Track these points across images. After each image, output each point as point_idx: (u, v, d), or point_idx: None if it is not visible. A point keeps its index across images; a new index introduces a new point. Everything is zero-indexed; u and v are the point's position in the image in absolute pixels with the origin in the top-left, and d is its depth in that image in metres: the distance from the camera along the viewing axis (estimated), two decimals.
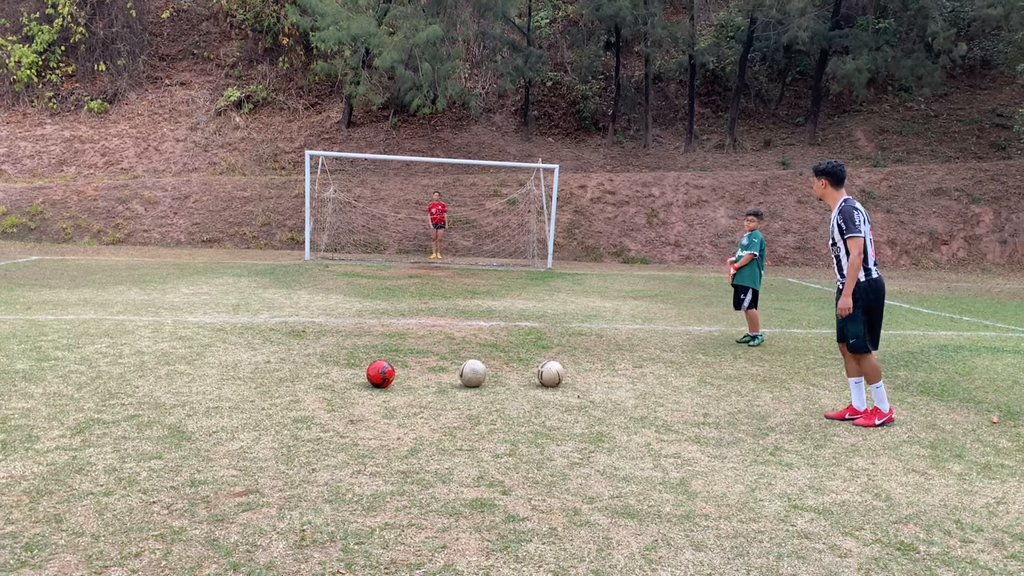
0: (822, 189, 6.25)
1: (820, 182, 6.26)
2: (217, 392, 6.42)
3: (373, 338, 9.17)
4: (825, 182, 6.21)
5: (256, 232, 23.43)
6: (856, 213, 5.96)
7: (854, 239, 5.91)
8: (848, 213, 5.97)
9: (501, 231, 24.11)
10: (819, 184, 6.27)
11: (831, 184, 6.20)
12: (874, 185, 26.23)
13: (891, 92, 32.51)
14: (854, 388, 6.34)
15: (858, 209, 6.01)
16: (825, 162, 6.27)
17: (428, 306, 12.06)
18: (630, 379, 7.50)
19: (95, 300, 11.40)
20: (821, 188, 6.26)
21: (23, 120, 28.22)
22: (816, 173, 6.30)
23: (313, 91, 30.38)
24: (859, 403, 6.31)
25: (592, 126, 30.44)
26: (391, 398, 6.43)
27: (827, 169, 6.22)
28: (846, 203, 6.06)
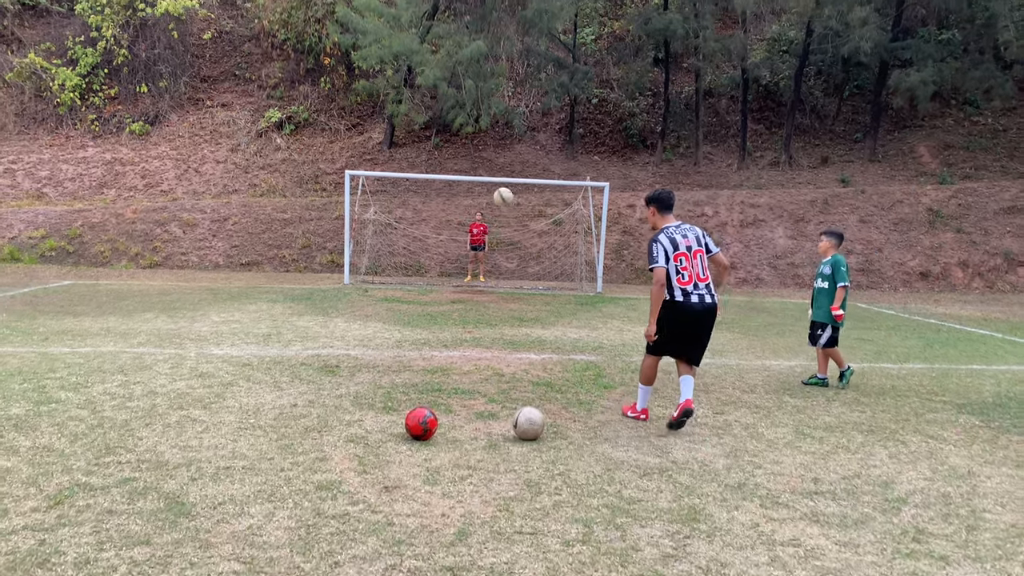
0: (652, 216, 6.52)
1: (648, 210, 6.54)
2: (232, 446, 5.48)
3: (413, 374, 8.19)
4: (653, 209, 6.47)
5: (296, 255, 22.75)
6: (654, 245, 6.23)
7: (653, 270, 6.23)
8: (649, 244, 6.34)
9: (546, 253, 23.10)
10: (647, 212, 6.59)
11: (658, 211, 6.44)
12: (942, 203, 24.71)
13: (955, 106, 30.93)
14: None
15: (657, 241, 6.23)
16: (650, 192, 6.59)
17: (473, 336, 11.07)
18: (713, 430, 6.39)
19: (118, 329, 10.63)
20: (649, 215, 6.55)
21: (65, 143, 28.06)
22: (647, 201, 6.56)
23: (355, 112, 29.82)
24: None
25: (640, 144, 29.37)
26: (434, 454, 5.43)
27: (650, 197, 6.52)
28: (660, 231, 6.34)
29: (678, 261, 6.14)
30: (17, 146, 27.55)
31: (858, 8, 24.17)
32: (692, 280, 6.16)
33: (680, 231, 6.25)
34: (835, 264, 8.50)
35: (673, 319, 6.21)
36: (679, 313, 6.18)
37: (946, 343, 12.06)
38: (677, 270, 6.15)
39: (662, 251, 6.15)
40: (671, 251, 6.15)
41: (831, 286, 8.47)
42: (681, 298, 6.16)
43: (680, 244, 6.18)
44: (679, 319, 6.20)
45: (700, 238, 6.32)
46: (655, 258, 6.17)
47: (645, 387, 6.61)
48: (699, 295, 6.19)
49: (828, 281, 8.53)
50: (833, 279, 8.47)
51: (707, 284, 6.27)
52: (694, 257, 6.21)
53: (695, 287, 6.18)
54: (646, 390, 6.62)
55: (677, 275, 6.15)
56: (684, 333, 6.25)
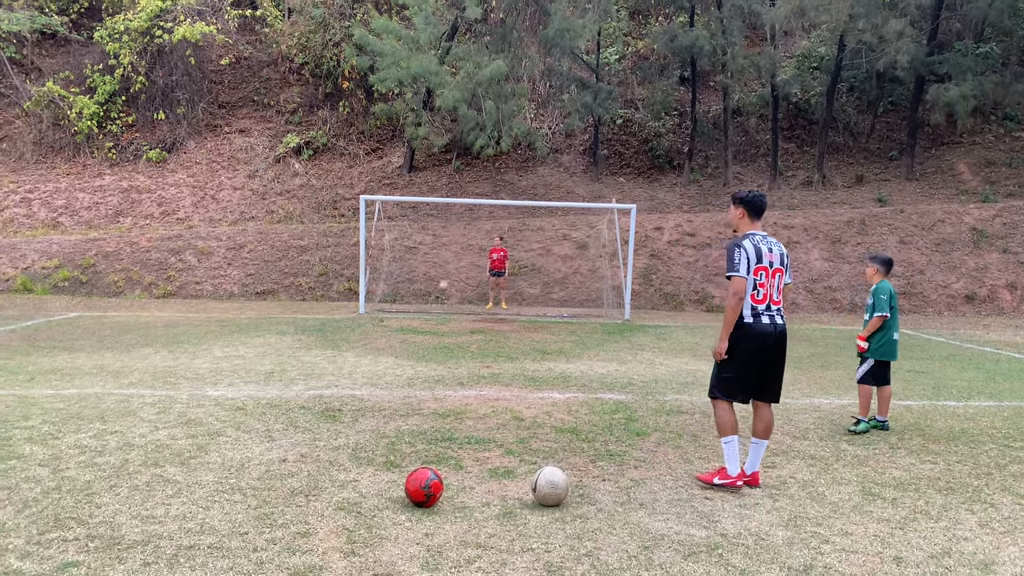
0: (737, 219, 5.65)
1: (734, 210, 5.69)
2: (202, 516, 4.67)
3: (423, 419, 7.36)
4: (741, 211, 5.60)
5: (312, 283, 22.10)
6: (737, 251, 5.38)
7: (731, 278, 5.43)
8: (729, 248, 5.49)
9: (571, 278, 22.25)
10: (730, 211, 5.77)
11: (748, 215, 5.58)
12: (986, 223, 23.56)
13: (994, 121, 29.79)
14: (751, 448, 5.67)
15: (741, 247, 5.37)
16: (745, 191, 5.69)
17: (491, 371, 10.23)
18: (767, 489, 5.49)
19: (112, 367, 9.92)
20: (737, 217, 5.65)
21: (82, 171, 27.77)
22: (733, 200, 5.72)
23: (374, 136, 29.30)
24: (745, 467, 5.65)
25: (666, 164, 28.51)
26: (437, 527, 4.58)
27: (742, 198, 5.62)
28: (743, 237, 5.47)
29: (757, 275, 5.33)
30: (34, 175, 27.30)
31: (893, 21, 23.27)
32: (766, 300, 5.40)
33: (767, 243, 5.44)
34: (876, 292, 7.61)
35: (743, 346, 5.38)
36: (750, 338, 5.36)
37: (1009, 375, 11.03)
38: (754, 285, 5.35)
39: (744, 259, 5.30)
40: (753, 262, 5.32)
41: (872, 316, 7.55)
42: (751, 319, 5.35)
43: (764, 257, 5.37)
44: (749, 344, 5.37)
45: (784, 258, 5.52)
46: (736, 265, 5.32)
47: (729, 438, 5.46)
48: (771, 316, 5.43)
49: (869, 312, 7.62)
50: (873, 309, 7.56)
51: (779, 309, 5.52)
52: (773, 276, 5.41)
53: (767, 308, 5.41)
54: (731, 443, 5.46)
55: (752, 290, 5.35)
56: (756, 363, 5.40)
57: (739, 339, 5.36)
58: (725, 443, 5.45)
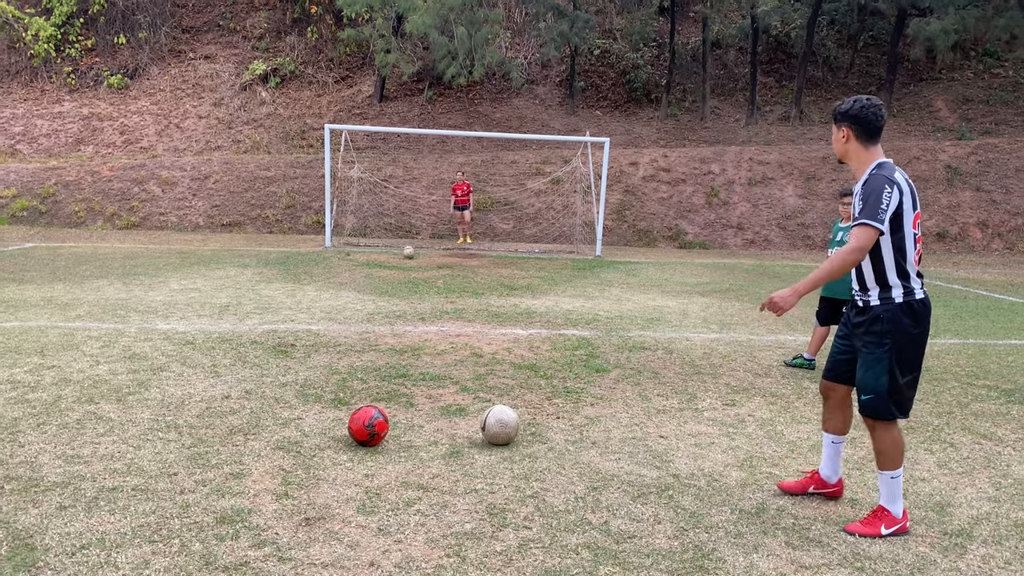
0: (843, 143, 3.77)
1: (841, 132, 3.76)
2: (131, 456, 4.44)
3: (378, 355, 7.14)
4: (848, 132, 3.73)
5: (280, 215, 21.61)
6: (886, 192, 3.54)
7: (864, 228, 3.54)
8: (875, 187, 3.56)
9: (544, 213, 21.92)
10: (839, 135, 3.78)
11: (856, 136, 3.72)
12: (961, 160, 23.43)
13: (974, 58, 29.43)
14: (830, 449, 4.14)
15: (895, 183, 3.57)
16: (852, 100, 3.76)
17: (455, 306, 10.00)
18: (723, 428, 5.34)
19: (61, 299, 9.57)
20: (842, 142, 3.77)
21: (40, 97, 26.76)
22: (836, 117, 3.80)
23: (343, 63, 28.41)
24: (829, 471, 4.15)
25: (643, 98, 27.96)
26: (379, 467, 4.39)
27: (851, 112, 3.72)
28: (878, 170, 3.65)
29: (916, 228, 3.65)
30: None
31: None
32: (919, 261, 3.72)
33: (905, 175, 3.69)
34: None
35: (919, 333, 3.71)
36: (925, 319, 3.72)
37: (976, 313, 10.98)
38: (914, 240, 3.64)
39: (895, 201, 3.55)
40: (910, 206, 3.61)
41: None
42: (922, 293, 3.71)
43: (917, 201, 3.69)
44: (925, 329, 3.74)
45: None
46: (880, 211, 3.52)
47: (898, 472, 3.81)
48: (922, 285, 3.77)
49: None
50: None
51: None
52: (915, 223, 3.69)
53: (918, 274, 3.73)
54: (899, 477, 3.82)
55: (913, 248, 3.64)
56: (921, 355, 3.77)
57: (913, 325, 3.66)
58: (893, 477, 3.79)
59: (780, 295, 3.75)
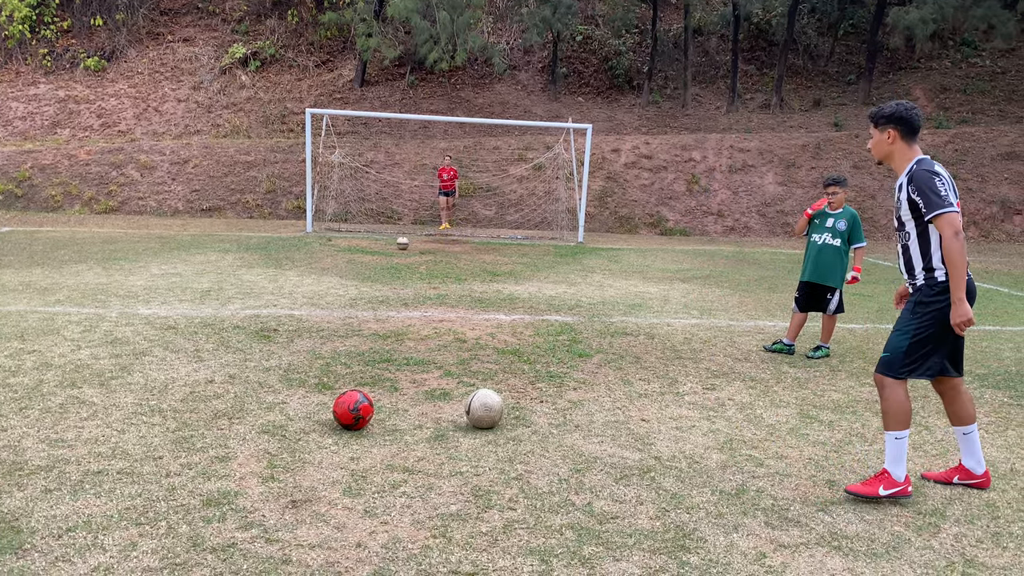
0: (887, 145, 4.02)
1: (885, 134, 4.01)
2: (116, 440, 4.45)
3: (362, 340, 7.16)
4: (894, 134, 3.98)
5: (260, 200, 21.47)
6: (937, 180, 3.82)
7: (945, 216, 3.75)
8: (925, 180, 3.82)
9: (526, 199, 21.94)
10: (883, 138, 4.02)
11: (902, 136, 3.97)
12: (938, 148, 23.66)
13: (952, 47, 29.69)
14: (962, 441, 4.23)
15: (939, 175, 3.86)
16: (893, 104, 4.02)
17: (438, 292, 10.02)
18: (704, 411, 5.42)
19: (39, 284, 9.49)
20: (887, 143, 4.02)
21: (15, 79, 26.35)
22: (877, 121, 4.04)
23: (324, 47, 28.20)
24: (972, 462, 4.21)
25: (625, 84, 28.00)
26: (364, 451, 4.42)
27: (896, 114, 3.97)
28: (919, 165, 3.92)
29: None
30: None
31: None
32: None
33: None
34: (854, 220, 7.32)
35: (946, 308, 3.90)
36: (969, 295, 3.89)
37: None
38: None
39: (950, 189, 3.84)
40: (954, 196, 3.85)
41: (844, 244, 7.31)
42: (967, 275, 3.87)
43: (956, 191, 3.92)
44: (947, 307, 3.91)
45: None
46: (945, 197, 3.77)
47: (902, 433, 4.00)
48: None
49: (841, 238, 7.29)
50: (848, 237, 7.29)
51: None
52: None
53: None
54: (903, 439, 4.01)
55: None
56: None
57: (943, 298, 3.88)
58: (897, 438, 3.99)
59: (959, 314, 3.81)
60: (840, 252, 7.35)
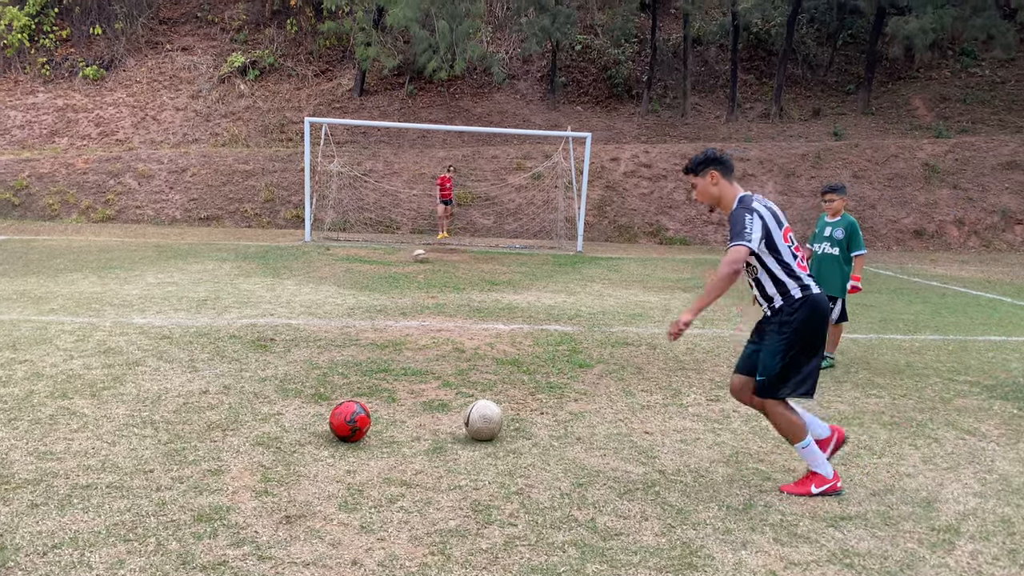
0: (712, 187, 4.23)
1: (708, 177, 4.22)
2: (106, 452, 4.33)
3: (359, 350, 7.05)
4: (716, 175, 4.20)
5: (258, 209, 21.38)
6: (747, 216, 4.05)
7: (731, 248, 4.05)
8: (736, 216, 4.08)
9: (525, 208, 21.87)
10: (707, 181, 4.23)
11: (723, 175, 4.21)
12: (938, 158, 23.63)
13: (951, 57, 29.69)
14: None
15: (753, 211, 4.07)
16: (703, 151, 4.31)
17: (436, 302, 9.91)
18: (708, 423, 5.31)
19: (34, 293, 9.38)
20: (711, 186, 4.23)
21: (14, 88, 26.29)
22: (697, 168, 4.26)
23: (323, 57, 28.16)
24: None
25: (624, 94, 27.97)
26: (361, 463, 4.31)
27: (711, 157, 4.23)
28: (740, 203, 4.15)
29: (788, 241, 4.12)
30: None
31: None
32: (806, 267, 4.21)
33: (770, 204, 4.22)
34: (852, 228, 7.20)
35: (815, 324, 4.12)
36: (820, 311, 4.13)
37: (955, 309, 11.05)
38: (792, 252, 4.13)
39: (759, 225, 4.02)
40: (775, 226, 4.07)
41: (843, 252, 7.21)
42: (816, 288, 4.15)
43: (783, 219, 4.18)
44: (821, 322, 4.16)
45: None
46: (748, 233, 3.99)
47: (806, 441, 4.18)
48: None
49: (839, 247, 7.20)
50: (847, 245, 7.18)
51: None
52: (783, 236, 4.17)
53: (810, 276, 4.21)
54: (810, 444, 4.19)
55: (794, 259, 4.12)
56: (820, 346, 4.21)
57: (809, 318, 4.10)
58: (804, 447, 4.18)
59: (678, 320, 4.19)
60: (839, 261, 7.25)
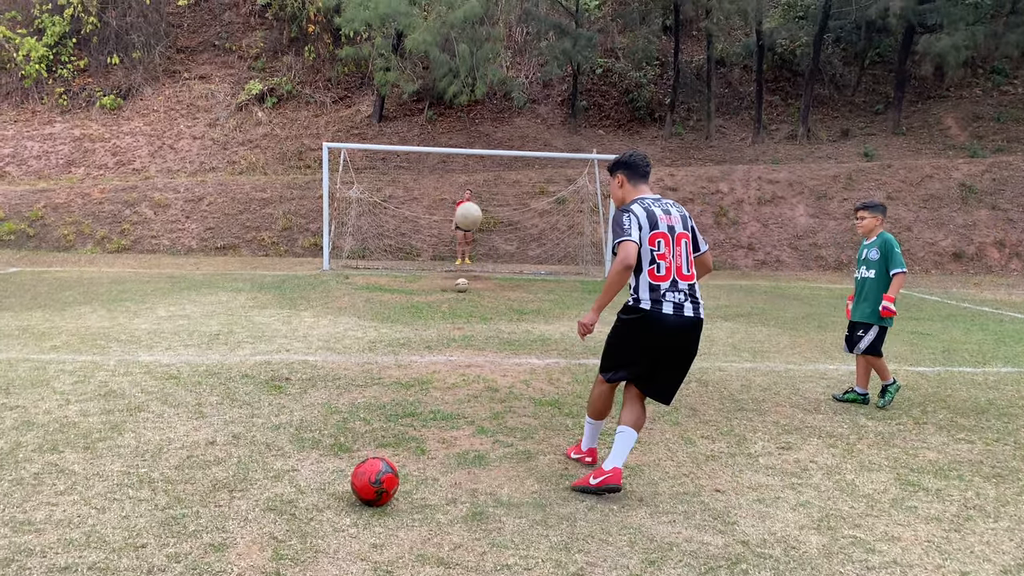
0: (618, 189, 4.52)
1: (616, 180, 4.53)
2: (93, 522, 3.72)
3: (382, 390, 6.42)
4: (621, 178, 4.49)
5: (276, 238, 20.92)
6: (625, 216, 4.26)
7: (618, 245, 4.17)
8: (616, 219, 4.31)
9: (548, 234, 21.28)
10: (615, 183, 4.54)
11: (628, 180, 4.47)
12: (975, 178, 22.85)
13: (982, 75, 28.97)
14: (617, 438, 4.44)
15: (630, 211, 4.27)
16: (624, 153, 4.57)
17: (463, 334, 9.28)
18: (785, 477, 4.62)
19: (38, 328, 8.85)
20: (618, 188, 4.53)
21: (31, 118, 26.13)
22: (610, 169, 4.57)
23: (342, 83, 27.86)
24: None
25: (647, 117, 27.43)
26: (389, 535, 3.66)
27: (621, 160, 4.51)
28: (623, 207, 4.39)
29: (654, 245, 4.17)
30: None
31: None
32: (670, 275, 4.18)
33: (661, 205, 4.30)
34: (886, 245, 6.43)
35: (639, 334, 4.26)
36: (648, 329, 4.20)
37: (1019, 338, 10.28)
38: (652, 258, 4.17)
39: (635, 224, 4.16)
40: (647, 228, 4.18)
41: (880, 274, 6.43)
42: (649, 303, 4.17)
43: (660, 222, 4.21)
44: (647, 336, 4.23)
45: (687, 220, 4.37)
46: (627, 230, 4.14)
47: (594, 422, 4.74)
48: (675, 302, 4.17)
49: (876, 269, 6.45)
50: (884, 265, 6.42)
51: (691, 286, 4.25)
52: (677, 243, 4.22)
53: (672, 287, 4.18)
54: (595, 426, 4.76)
55: (651, 265, 4.18)
56: (651, 357, 4.29)
57: (635, 326, 4.26)
58: (590, 423, 4.79)
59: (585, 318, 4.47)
60: (876, 285, 6.47)
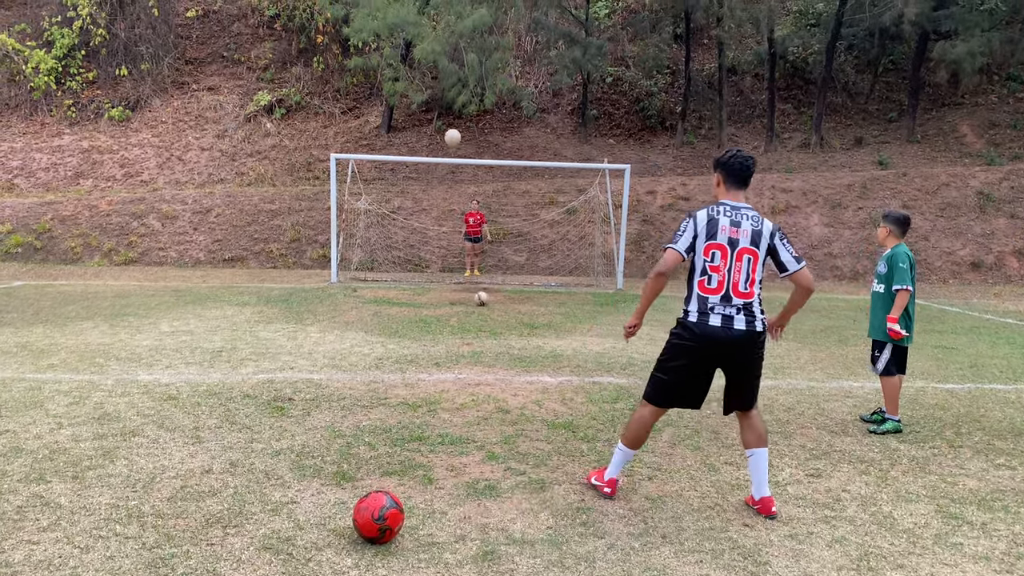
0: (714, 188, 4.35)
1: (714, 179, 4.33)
2: (75, 563, 3.45)
3: (388, 411, 6.15)
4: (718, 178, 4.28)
5: (284, 249, 20.73)
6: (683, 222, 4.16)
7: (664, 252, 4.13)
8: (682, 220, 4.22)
9: (559, 244, 21.00)
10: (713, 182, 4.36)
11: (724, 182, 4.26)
12: (992, 186, 22.46)
13: (997, 82, 28.58)
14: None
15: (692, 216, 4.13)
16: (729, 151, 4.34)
17: (472, 349, 9.01)
18: (818, 510, 4.32)
19: (36, 345, 8.62)
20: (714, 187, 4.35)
21: (40, 131, 26.08)
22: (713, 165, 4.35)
23: (350, 94, 27.72)
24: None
25: (658, 125, 27.16)
26: None
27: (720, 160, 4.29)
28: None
29: (708, 256, 4.00)
30: None
31: None
32: (722, 290, 4.00)
33: (735, 215, 4.06)
34: (893, 259, 5.97)
35: (686, 349, 4.10)
36: (691, 341, 4.07)
37: None
38: (704, 268, 4.02)
39: (690, 232, 4.02)
40: (703, 237, 4.00)
41: (887, 289, 6.02)
42: (696, 315, 4.05)
43: (720, 233, 4.00)
44: (689, 350, 4.09)
45: (763, 236, 4.07)
46: (676, 236, 4.07)
47: (626, 450, 4.40)
48: (726, 315, 4.00)
49: (884, 283, 6.05)
50: (890, 280, 6.00)
51: (747, 304, 4.03)
52: (738, 258, 4.00)
53: (724, 301, 4.00)
54: (626, 454, 4.41)
55: (702, 276, 4.04)
56: (700, 373, 4.14)
57: (679, 340, 4.16)
58: (621, 451, 4.42)
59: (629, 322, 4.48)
60: (881, 299, 6.08)
